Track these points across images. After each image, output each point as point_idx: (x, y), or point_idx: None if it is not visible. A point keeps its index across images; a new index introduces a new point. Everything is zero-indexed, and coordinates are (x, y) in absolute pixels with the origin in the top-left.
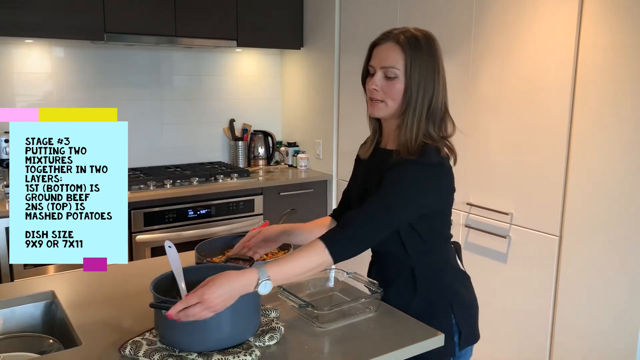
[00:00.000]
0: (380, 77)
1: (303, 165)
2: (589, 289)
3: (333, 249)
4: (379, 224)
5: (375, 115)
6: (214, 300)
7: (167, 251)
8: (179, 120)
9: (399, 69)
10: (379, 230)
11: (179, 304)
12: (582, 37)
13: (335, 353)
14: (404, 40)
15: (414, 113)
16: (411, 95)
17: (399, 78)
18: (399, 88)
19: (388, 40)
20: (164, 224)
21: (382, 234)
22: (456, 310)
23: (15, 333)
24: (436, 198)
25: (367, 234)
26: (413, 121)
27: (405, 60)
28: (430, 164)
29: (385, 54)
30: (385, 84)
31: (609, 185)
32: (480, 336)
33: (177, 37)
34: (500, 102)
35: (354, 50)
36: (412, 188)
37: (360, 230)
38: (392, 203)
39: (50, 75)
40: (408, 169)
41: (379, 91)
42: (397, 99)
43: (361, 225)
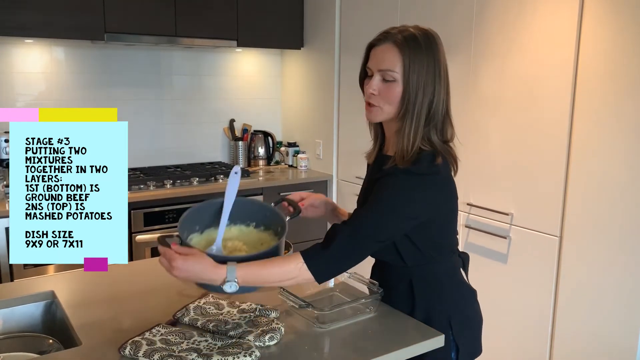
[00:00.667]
0: (377, 80)
1: (303, 166)
2: (589, 289)
3: (314, 270)
4: (364, 242)
5: (371, 120)
6: (177, 269)
7: (231, 177)
8: (179, 120)
9: (397, 71)
10: (364, 249)
11: (164, 250)
12: (582, 37)
13: (335, 353)
14: (401, 41)
15: (412, 118)
16: (409, 99)
17: (397, 81)
18: (397, 92)
19: (385, 41)
20: (164, 224)
21: (368, 252)
22: (454, 325)
23: (15, 333)
24: (424, 208)
25: (350, 254)
26: (411, 127)
27: (403, 63)
28: (421, 173)
29: (382, 56)
30: (382, 87)
31: (609, 185)
32: (482, 350)
33: (177, 37)
34: (500, 102)
35: (354, 50)
36: (397, 199)
37: (344, 250)
38: (377, 218)
39: (50, 75)
40: (395, 179)
41: (376, 95)
42: (395, 103)
43: (345, 244)
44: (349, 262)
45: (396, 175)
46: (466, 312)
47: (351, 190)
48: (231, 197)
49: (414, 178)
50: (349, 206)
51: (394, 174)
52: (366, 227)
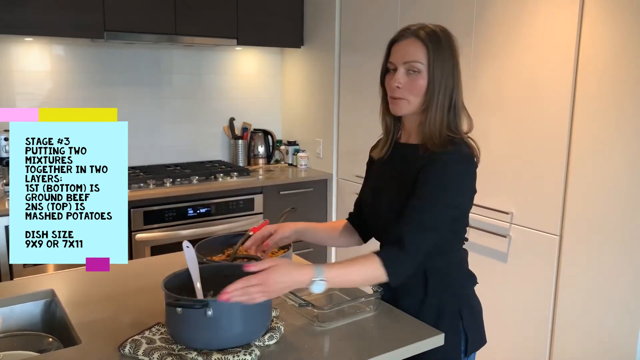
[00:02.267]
0: (402, 73)
1: (303, 164)
2: (589, 288)
3: (391, 271)
4: (431, 235)
5: (398, 113)
6: (274, 285)
7: (185, 251)
8: (179, 119)
9: (422, 63)
10: (432, 242)
11: (239, 282)
12: (582, 37)
13: (335, 352)
14: (424, 35)
15: (436, 108)
16: (433, 90)
17: (421, 73)
18: (421, 84)
19: (408, 36)
20: (164, 222)
21: (433, 244)
22: (464, 314)
23: (15, 332)
24: (470, 196)
25: (421, 250)
26: (436, 115)
27: (427, 55)
28: (465, 156)
29: (407, 50)
30: (407, 80)
31: (609, 184)
32: (486, 340)
33: (177, 36)
34: (500, 101)
35: (354, 48)
36: (451, 187)
37: (417, 248)
38: (439, 209)
39: (50, 73)
40: (446, 169)
41: (401, 88)
42: (420, 95)
43: (417, 242)
44: (421, 257)
45: (445, 164)
46: (472, 302)
47: (351, 189)
48: (194, 268)
49: (461, 164)
50: (348, 204)
51: (442, 162)
52: (431, 219)
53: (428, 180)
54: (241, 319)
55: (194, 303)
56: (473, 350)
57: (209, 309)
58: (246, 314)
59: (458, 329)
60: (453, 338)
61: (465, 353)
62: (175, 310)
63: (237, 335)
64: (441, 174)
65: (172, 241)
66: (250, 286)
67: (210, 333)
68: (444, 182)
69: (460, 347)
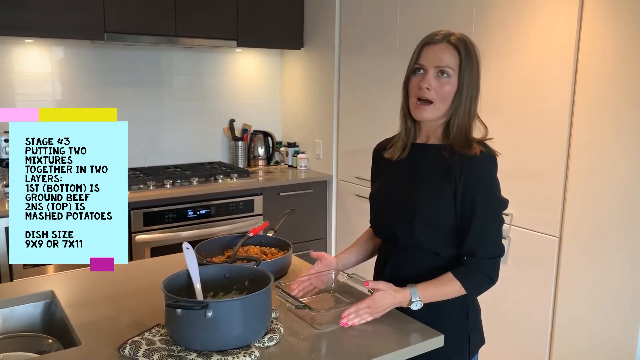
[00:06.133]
0: (432, 76)
1: (303, 166)
2: (589, 289)
3: (469, 287)
4: (500, 241)
5: (423, 119)
6: (380, 307)
7: (185, 252)
8: (179, 120)
9: (454, 69)
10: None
11: (353, 307)
12: (582, 37)
13: (334, 354)
14: (456, 42)
15: (463, 113)
16: (461, 96)
17: (451, 78)
18: (449, 90)
19: (441, 40)
20: (164, 224)
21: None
22: (470, 315)
23: (15, 333)
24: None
25: (498, 267)
26: (463, 119)
27: (459, 62)
28: (494, 155)
29: (441, 54)
30: (436, 83)
31: (609, 185)
32: (485, 340)
33: (177, 37)
34: (500, 102)
35: (354, 50)
36: (498, 191)
37: (495, 273)
38: (500, 215)
39: (50, 74)
40: (488, 172)
41: (430, 90)
42: (447, 100)
43: (495, 266)
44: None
45: (486, 166)
46: (475, 302)
47: (351, 190)
48: (194, 270)
49: (494, 164)
50: (348, 205)
51: (483, 164)
52: (497, 227)
53: (474, 188)
54: (241, 321)
55: (194, 304)
56: (476, 351)
57: (209, 310)
58: (246, 315)
59: (465, 330)
60: (460, 339)
61: (469, 354)
62: (175, 311)
63: (237, 337)
64: (486, 181)
65: (172, 242)
66: (361, 309)
67: (210, 334)
68: (492, 189)
69: (467, 347)
